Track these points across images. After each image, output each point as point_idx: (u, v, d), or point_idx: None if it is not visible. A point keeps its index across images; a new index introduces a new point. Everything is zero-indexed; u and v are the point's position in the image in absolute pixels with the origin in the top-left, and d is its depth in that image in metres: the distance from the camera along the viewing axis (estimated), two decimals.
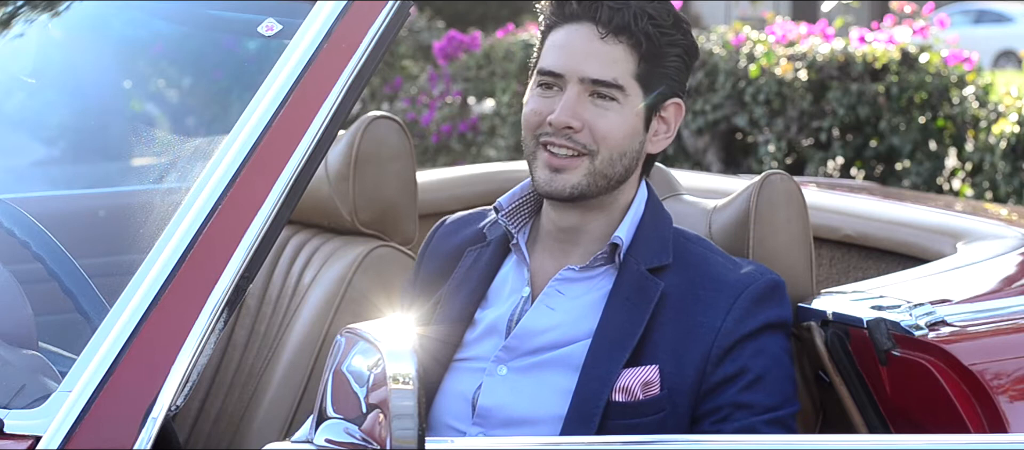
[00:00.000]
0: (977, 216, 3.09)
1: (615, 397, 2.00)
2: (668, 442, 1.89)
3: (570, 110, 2.01)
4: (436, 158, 8.41)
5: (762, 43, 7.17)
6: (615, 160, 2.04)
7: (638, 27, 2.01)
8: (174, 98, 3.13)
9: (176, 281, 1.78)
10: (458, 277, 2.15)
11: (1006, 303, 2.36)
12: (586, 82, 2.02)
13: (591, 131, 2.02)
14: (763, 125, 7.09)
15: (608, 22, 2.01)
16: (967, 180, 6.60)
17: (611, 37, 2.01)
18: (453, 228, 2.25)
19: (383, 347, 1.62)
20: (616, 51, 2.02)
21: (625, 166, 2.06)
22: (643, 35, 2.02)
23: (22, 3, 2.55)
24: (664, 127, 2.11)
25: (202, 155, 1.94)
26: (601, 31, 2.02)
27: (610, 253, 2.08)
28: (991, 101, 6.59)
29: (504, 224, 2.12)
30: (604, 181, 2.05)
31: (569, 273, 2.09)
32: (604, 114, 2.02)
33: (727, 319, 2.02)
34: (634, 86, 2.04)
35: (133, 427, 1.70)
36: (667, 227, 2.12)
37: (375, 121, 2.66)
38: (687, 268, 2.07)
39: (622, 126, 2.03)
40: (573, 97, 2.02)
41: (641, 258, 2.07)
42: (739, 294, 2.04)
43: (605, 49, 2.02)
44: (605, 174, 2.04)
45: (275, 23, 2.02)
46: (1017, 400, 2.15)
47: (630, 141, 2.05)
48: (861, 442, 2.12)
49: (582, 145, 2.02)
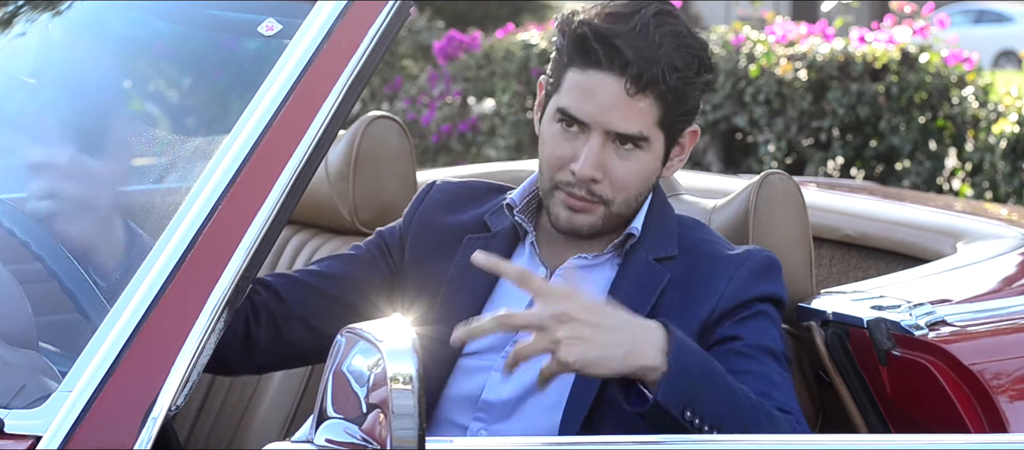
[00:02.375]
0: (977, 216, 3.09)
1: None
2: (668, 442, 1.89)
3: (593, 163, 2.01)
4: (436, 158, 8.41)
5: (762, 43, 7.17)
6: (631, 202, 2.07)
7: (666, 84, 2.00)
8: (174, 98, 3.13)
9: (176, 281, 1.78)
10: (461, 269, 2.12)
11: (1006, 303, 2.36)
12: (611, 134, 2.02)
13: (611, 181, 2.03)
14: (763, 125, 7.08)
15: (638, 79, 1.99)
16: (967, 180, 6.60)
17: (639, 94, 2.00)
18: (448, 201, 2.22)
19: (383, 347, 1.62)
20: (642, 105, 2.00)
21: (640, 202, 2.09)
22: (670, 90, 2.01)
23: (22, 3, 2.55)
24: (678, 151, 2.12)
25: (202, 155, 1.94)
26: (629, 88, 1.99)
27: (623, 242, 2.10)
28: (991, 101, 6.59)
29: (520, 221, 2.12)
30: (620, 220, 2.08)
31: (579, 262, 2.10)
32: (626, 164, 2.03)
33: (730, 285, 2.04)
34: (657, 133, 2.04)
35: (133, 427, 1.70)
36: (671, 219, 2.13)
37: (375, 121, 2.66)
38: (689, 253, 2.09)
39: (642, 172, 2.06)
40: (597, 148, 2.01)
41: (649, 248, 2.09)
42: (741, 264, 2.06)
43: (632, 104, 2.00)
44: (622, 215, 2.08)
45: (275, 23, 2.02)
46: (1017, 400, 2.16)
47: (647, 182, 2.08)
48: (861, 442, 2.12)
49: (599, 195, 2.04)
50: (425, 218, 2.20)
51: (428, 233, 2.19)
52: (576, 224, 2.05)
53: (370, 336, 1.65)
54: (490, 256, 1.89)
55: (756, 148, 7.23)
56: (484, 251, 1.90)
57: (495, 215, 2.17)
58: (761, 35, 7.27)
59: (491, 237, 2.15)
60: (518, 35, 8.59)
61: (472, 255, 1.89)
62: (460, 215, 2.20)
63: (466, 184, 2.25)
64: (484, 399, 2.06)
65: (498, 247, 2.13)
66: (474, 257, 1.88)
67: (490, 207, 2.19)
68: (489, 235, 2.15)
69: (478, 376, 2.08)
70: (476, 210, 2.20)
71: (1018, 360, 2.21)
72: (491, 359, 2.08)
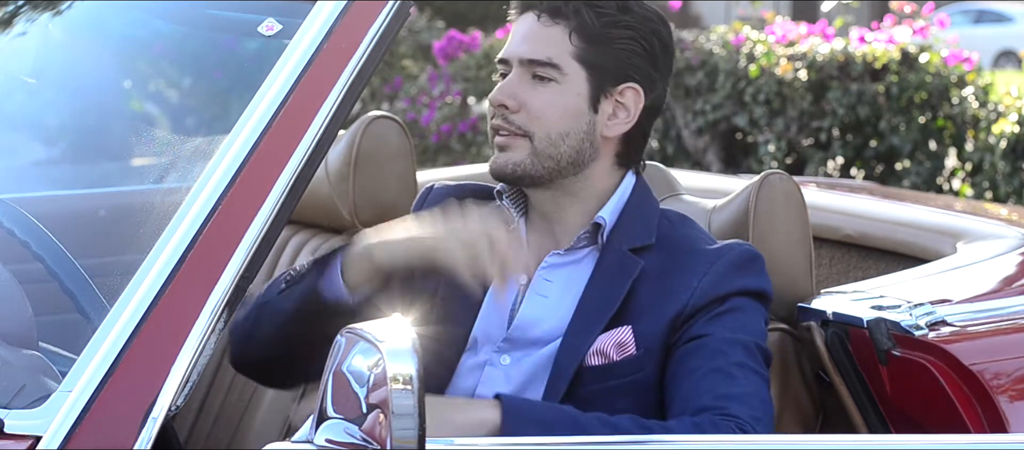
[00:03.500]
0: (977, 216, 3.09)
1: (590, 361, 2.02)
2: (668, 442, 1.89)
3: (507, 91, 2.08)
4: (436, 158, 8.41)
5: (762, 43, 7.17)
6: (556, 140, 2.08)
7: (577, 16, 2.06)
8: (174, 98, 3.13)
9: (176, 281, 1.78)
10: None
11: (1006, 303, 2.36)
12: (525, 64, 2.08)
13: (526, 110, 2.08)
14: (763, 125, 7.09)
15: (549, 9, 2.08)
16: (967, 180, 6.61)
17: (547, 18, 2.08)
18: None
19: (383, 347, 1.62)
20: (552, 32, 2.07)
21: (572, 147, 2.08)
22: (577, 16, 2.07)
23: (23, 3, 2.55)
24: (623, 112, 2.11)
25: (202, 155, 1.94)
26: (541, 18, 2.08)
27: (593, 233, 2.10)
28: (991, 101, 6.59)
29: (507, 207, 2.14)
30: (551, 162, 2.08)
31: (554, 259, 2.11)
32: (540, 93, 2.07)
33: (703, 280, 2.04)
34: (574, 67, 2.07)
35: (133, 427, 1.70)
36: (653, 213, 2.13)
37: (375, 121, 2.66)
38: (668, 245, 2.10)
39: (558, 104, 2.07)
40: (513, 80, 2.09)
41: (624, 239, 2.09)
42: (716, 260, 2.06)
43: (542, 31, 2.08)
44: (549, 155, 2.08)
45: (275, 23, 2.02)
46: (1017, 400, 2.16)
47: (571, 121, 2.08)
48: (861, 442, 2.12)
49: (517, 125, 2.08)
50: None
51: None
52: (500, 162, 2.10)
53: (370, 336, 1.65)
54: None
55: (756, 148, 7.23)
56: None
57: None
58: (761, 35, 7.27)
59: None
60: None
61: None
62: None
63: (462, 186, 2.27)
64: (479, 395, 2.06)
65: None
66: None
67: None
68: None
69: (474, 374, 2.09)
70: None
71: (1018, 360, 2.21)
72: (486, 355, 2.09)
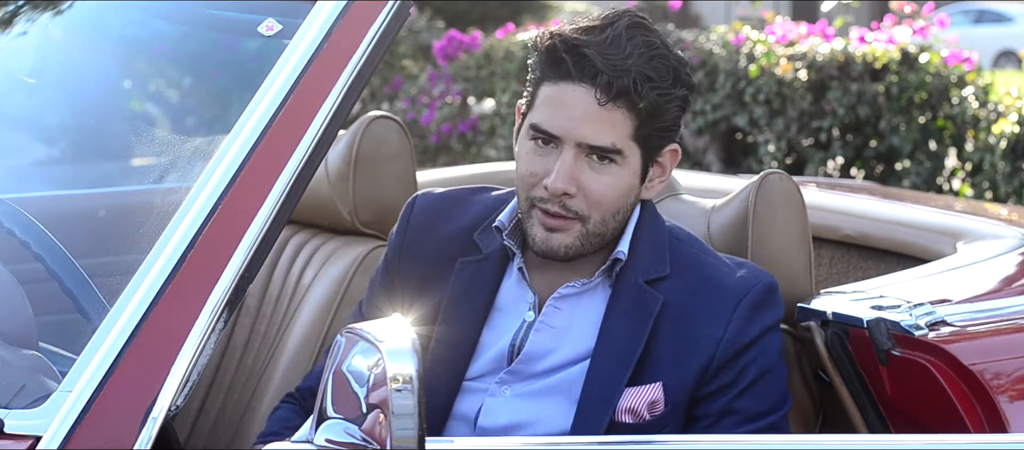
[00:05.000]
0: (977, 216, 3.09)
1: (621, 418, 1.99)
2: (668, 442, 1.89)
3: (566, 176, 1.97)
4: (436, 158, 8.41)
5: (762, 43, 7.16)
6: (608, 220, 2.02)
7: (638, 93, 1.95)
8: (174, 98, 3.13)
9: (176, 281, 1.78)
10: (456, 292, 2.10)
11: (1006, 303, 2.36)
12: (584, 147, 1.98)
13: (585, 196, 1.99)
14: (763, 125, 7.08)
15: (608, 88, 1.95)
16: (967, 180, 6.60)
17: (610, 103, 1.96)
18: (433, 218, 2.17)
19: (383, 347, 1.62)
20: (615, 116, 1.96)
21: (619, 221, 2.04)
22: (642, 100, 1.96)
23: (23, 3, 2.55)
24: (661, 172, 2.08)
25: (202, 155, 1.94)
26: (600, 98, 1.95)
27: (610, 268, 2.06)
28: (991, 101, 6.59)
29: (508, 245, 2.08)
30: (598, 240, 2.03)
31: (568, 290, 2.06)
32: (601, 178, 1.99)
33: (728, 329, 2.02)
34: (632, 147, 2.00)
35: (133, 427, 1.70)
36: (663, 236, 2.09)
37: (375, 121, 2.66)
38: (683, 272, 2.06)
39: (618, 187, 2.00)
40: (570, 161, 1.97)
41: (639, 271, 2.05)
42: (739, 302, 2.03)
43: (604, 115, 1.96)
44: (598, 234, 2.02)
45: (275, 23, 2.02)
46: (1017, 400, 2.15)
47: (624, 199, 2.02)
48: (861, 442, 2.12)
49: (574, 210, 1.99)
50: (412, 249, 2.16)
51: (417, 262, 2.15)
52: (552, 244, 2.00)
53: (370, 336, 1.65)
54: None
55: (756, 148, 7.23)
56: (476, 276, 1.89)
57: (484, 234, 2.12)
58: (761, 35, 7.27)
59: (483, 260, 2.11)
60: (518, 35, 8.58)
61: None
62: (446, 228, 2.15)
63: (448, 194, 2.21)
64: (480, 425, 2.05)
65: (489, 270, 2.10)
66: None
67: (475, 215, 2.15)
68: (481, 258, 2.11)
69: (476, 398, 2.07)
70: (460, 220, 2.16)
71: (1018, 360, 2.21)
72: (486, 384, 2.07)
